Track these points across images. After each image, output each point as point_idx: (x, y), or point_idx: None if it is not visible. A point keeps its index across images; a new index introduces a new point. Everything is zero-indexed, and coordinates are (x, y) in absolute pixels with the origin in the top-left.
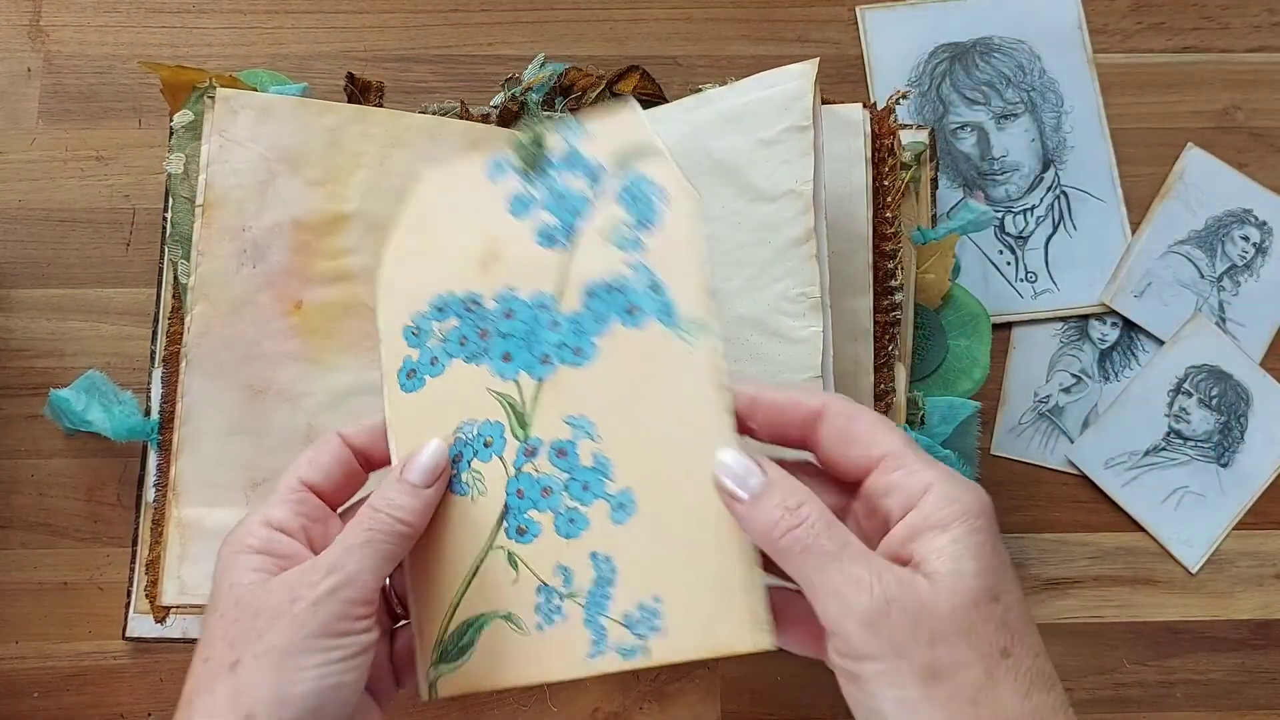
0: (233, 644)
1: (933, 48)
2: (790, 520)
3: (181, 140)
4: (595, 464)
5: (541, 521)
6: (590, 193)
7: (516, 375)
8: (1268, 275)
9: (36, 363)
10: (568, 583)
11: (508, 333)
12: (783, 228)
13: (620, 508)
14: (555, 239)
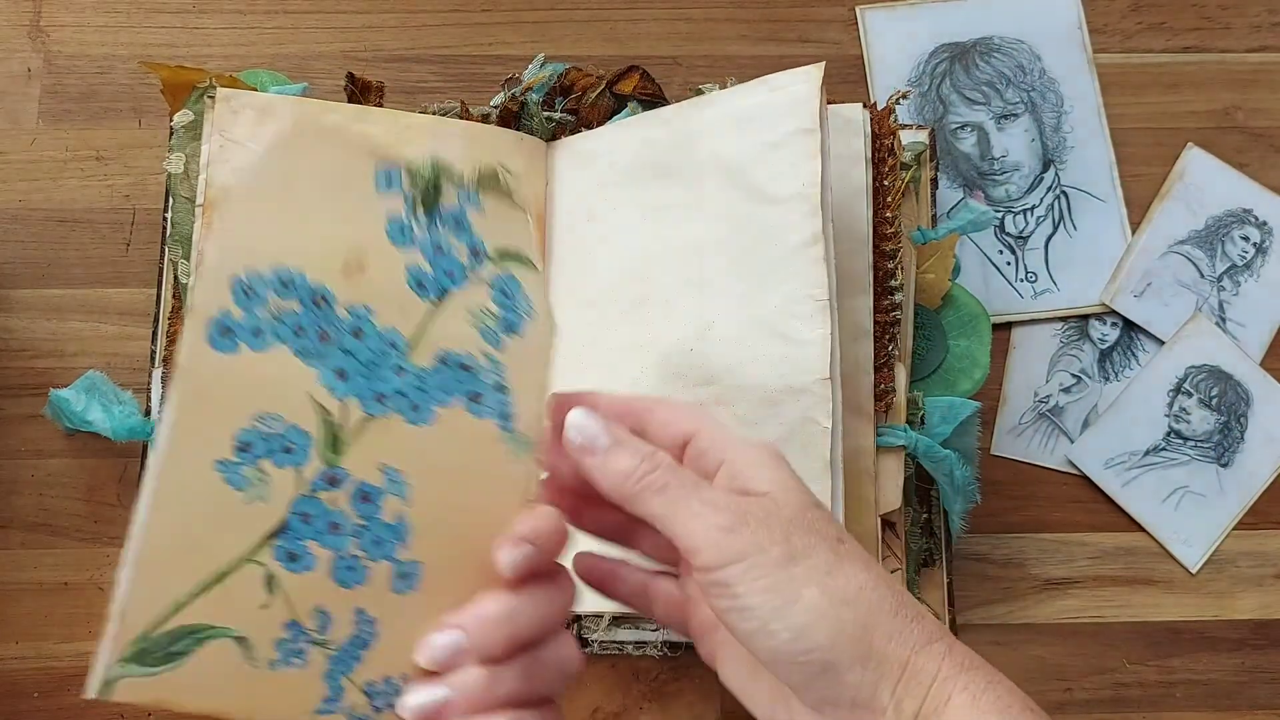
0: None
1: (933, 48)
2: (647, 466)
3: (182, 140)
4: (396, 523)
5: (319, 557)
6: (467, 264)
7: (345, 398)
8: (1268, 275)
9: (36, 363)
10: (323, 629)
11: (350, 351)
12: (790, 230)
13: (403, 577)
14: (425, 289)
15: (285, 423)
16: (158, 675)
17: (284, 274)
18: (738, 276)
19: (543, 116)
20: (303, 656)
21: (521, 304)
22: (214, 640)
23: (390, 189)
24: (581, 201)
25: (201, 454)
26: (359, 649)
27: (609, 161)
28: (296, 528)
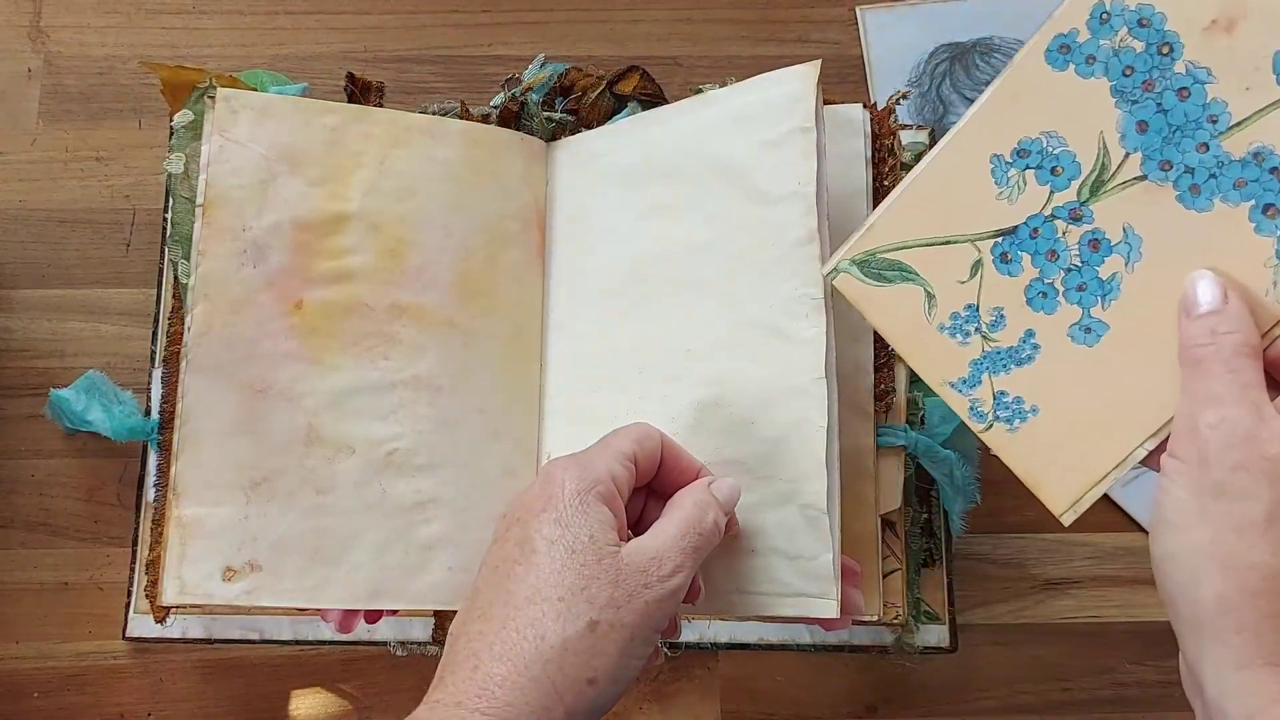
0: (592, 601)
1: (933, 48)
2: (1206, 339)
3: (181, 140)
4: (1109, 281)
5: (1025, 270)
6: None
7: (1133, 150)
8: None
9: (36, 363)
10: (994, 327)
11: (1166, 108)
12: (787, 229)
13: (1086, 330)
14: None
15: (1066, 147)
16: (864, 284)
17: (1147, 12)
18: (735, 276)
19: (543, 117)
20: (967, 337)
21: None
22: (913, 283)
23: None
24: (581, 201)
25: (987, 142)
26: (1012, 362)
27: (608, 161)
28: (1022, 237)
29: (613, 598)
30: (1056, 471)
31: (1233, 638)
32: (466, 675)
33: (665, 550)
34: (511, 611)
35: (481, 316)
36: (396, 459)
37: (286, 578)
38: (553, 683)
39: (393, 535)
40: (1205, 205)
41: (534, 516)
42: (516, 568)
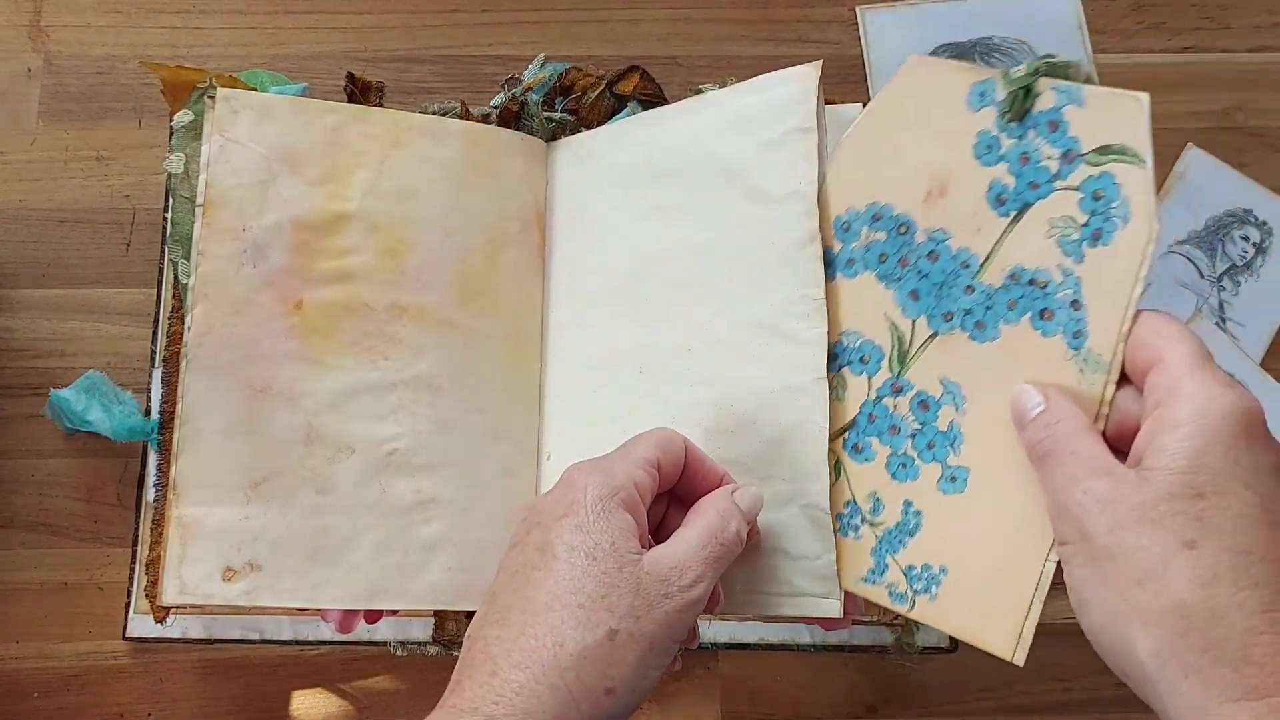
0: (612, 610)
1: (933, 48)
2: (1043, 435)
3: (182, 140)
4: (949, 431)
5: (878, 452)
6: (1056, 171)
7: (916, 317)
8: (1268, 275)
9: (37, 363)
10: (875, 511)
11: (925, 273)
12: (787, 230)
13: (951, 480)
14: (1004, 205)
15: (863, 338)
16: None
17: (876, 208)
18: (735, 276)
19: (543, 117)
20: (858, 530)
21: (1117, 208)
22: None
23: (983, 103)
24: (581, 202)
25: None
26: (905, 535)
27: (608, 162)
28: (863, 425)
29: (633, 606)
30: (989, 618)
31: (1182, 685)
32: (483, 681)
33: (687, 559)
34: (530, 618)
35: (481, 316)
36: (396, 459)
37: (286, 578)
38: (570, 691)
39: (392, 535)
40: (994, 334)
41: (555, 522)
42: (536, 573)
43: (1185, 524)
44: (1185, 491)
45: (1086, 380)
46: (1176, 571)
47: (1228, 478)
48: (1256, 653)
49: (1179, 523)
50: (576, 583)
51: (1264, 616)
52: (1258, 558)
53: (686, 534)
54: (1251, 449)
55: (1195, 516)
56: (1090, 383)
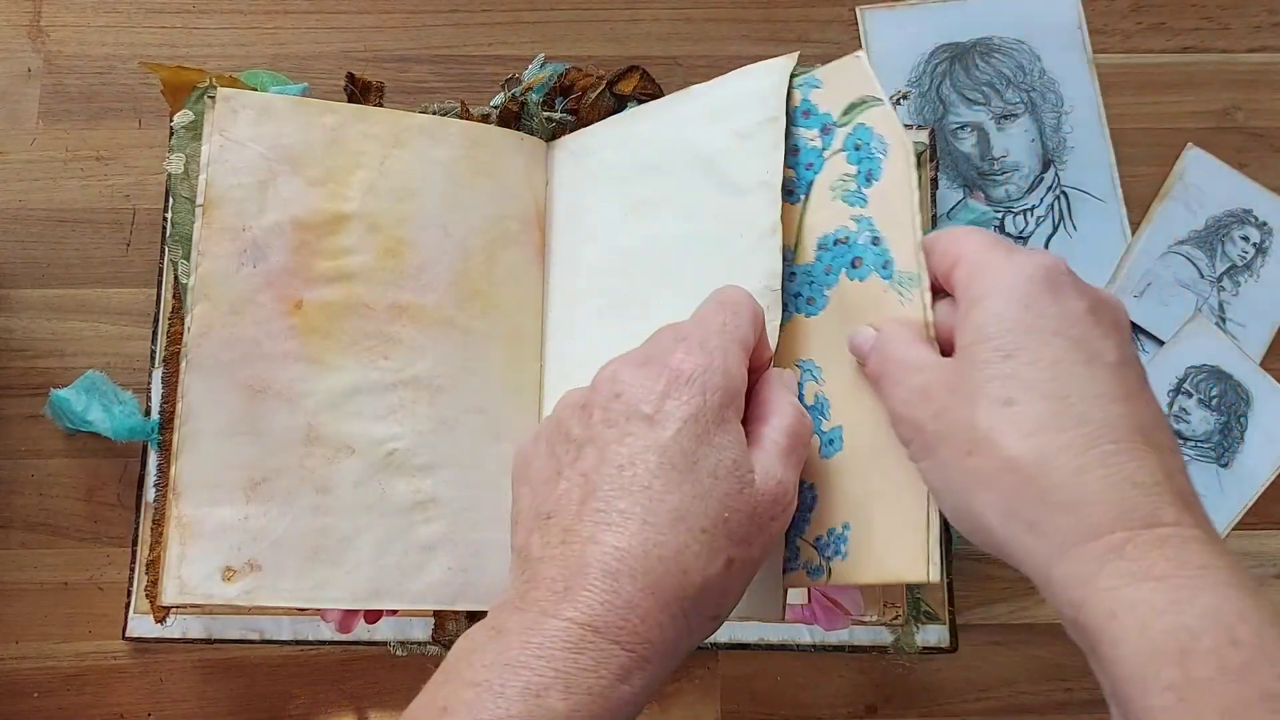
0: (731, 536)
1: (933, 48)
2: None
3: (182, 140)
4: (816, 403)
5: None
6: (821, 146)
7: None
8: (1268, 275)
9: (36, 363)
10: None
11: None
12: (756, 220)
13: (829, 444)
14: (793, 194)
15: None
16: None
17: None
18: (711, 269)
19: (543, 117)
20: None
21: (875, 146)
22: None
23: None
24: (576, 200)
25: None
26: (806, 513)
27: (600, 159)
28: None
29: (748, 532)
30: (897, 552)
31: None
32: (604, 599)
33: (784, 472)
34: (654, 534)
35: (481, 316)
36: (396, 459)
37: (286, 578)
38: (688, 621)
39: (393, 535)
40: (822, 302)
41: (673, 423)
42: (656, 481)
43: (1000, 386)
44: (995, 356)
45: (908, 300)
46: (1000, 432)
47: (1034, 331)
48: (1091, 489)
49: (995, 386)
50: (701, 503)
51: (1092, 453)
52: (1075, 399)
53: (771, 437)
54: (1056, 298)
55: (1009, 375)
56: (911, 300)
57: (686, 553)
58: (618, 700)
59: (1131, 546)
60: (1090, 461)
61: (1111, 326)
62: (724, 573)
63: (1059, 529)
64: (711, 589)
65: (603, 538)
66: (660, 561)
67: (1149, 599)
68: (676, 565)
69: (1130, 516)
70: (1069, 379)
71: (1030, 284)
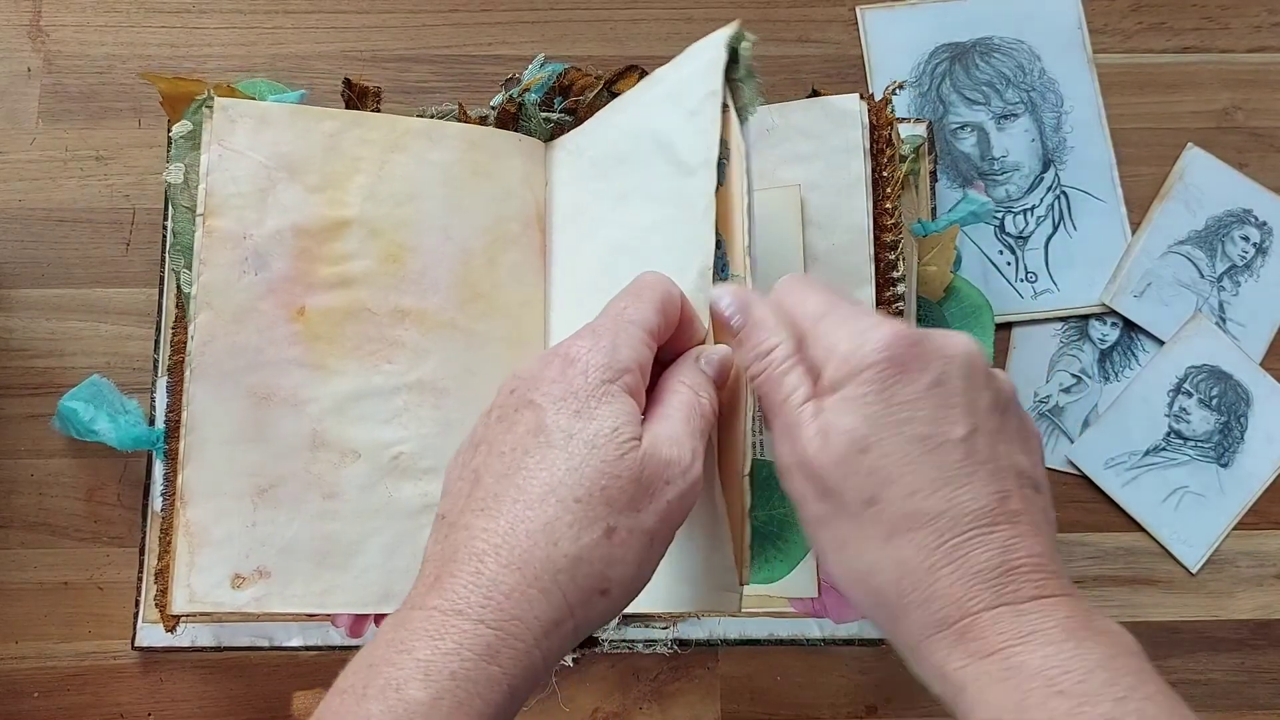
0: (611, 504)
1: (933, 48)
2: (758, 366)
3: (181, 150)
4: None
5: None
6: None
7: None
8: (1268, 275)
9: (36, 363)
10: None
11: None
12: (697, 199)
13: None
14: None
15: None
16: None
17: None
18: (672, 254)
19: (540, 117)
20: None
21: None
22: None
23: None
24: (574, 198)
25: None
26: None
27: (588, 156)
28: None
29: (634, 499)
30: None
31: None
32: (469, 581)
33: (682, 438)
34: (523, 510)
35: (484, 318)
36: (402, 462)
37: (295, 583)
38: (564, 594)
39: (401, 538)
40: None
41: (552, 404)
42: (529, 459)
43: (862, 482)
44: (852, 449)
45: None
46: (865, 534)
47: (884, 422)
48: (939, 588)
49: (857, 482)
50: (575, 474)
51: (939, 551)
52: (925, 492)
53: (670, 410)
54: (903, 378)
55: (869, 471)
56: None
57: (557, 524)
58: (487, 681)
59: (973, 629)
60: (938, 560)
61: (964, 393)
62: (604, 541)
63: (915, 623)
64: (589, 558)
65: (474, 523)
66: (528, 536)
67: (988, 671)
68: (545, 538)
69: (972, 603)
70: (916, 473)
71: (875, 371)
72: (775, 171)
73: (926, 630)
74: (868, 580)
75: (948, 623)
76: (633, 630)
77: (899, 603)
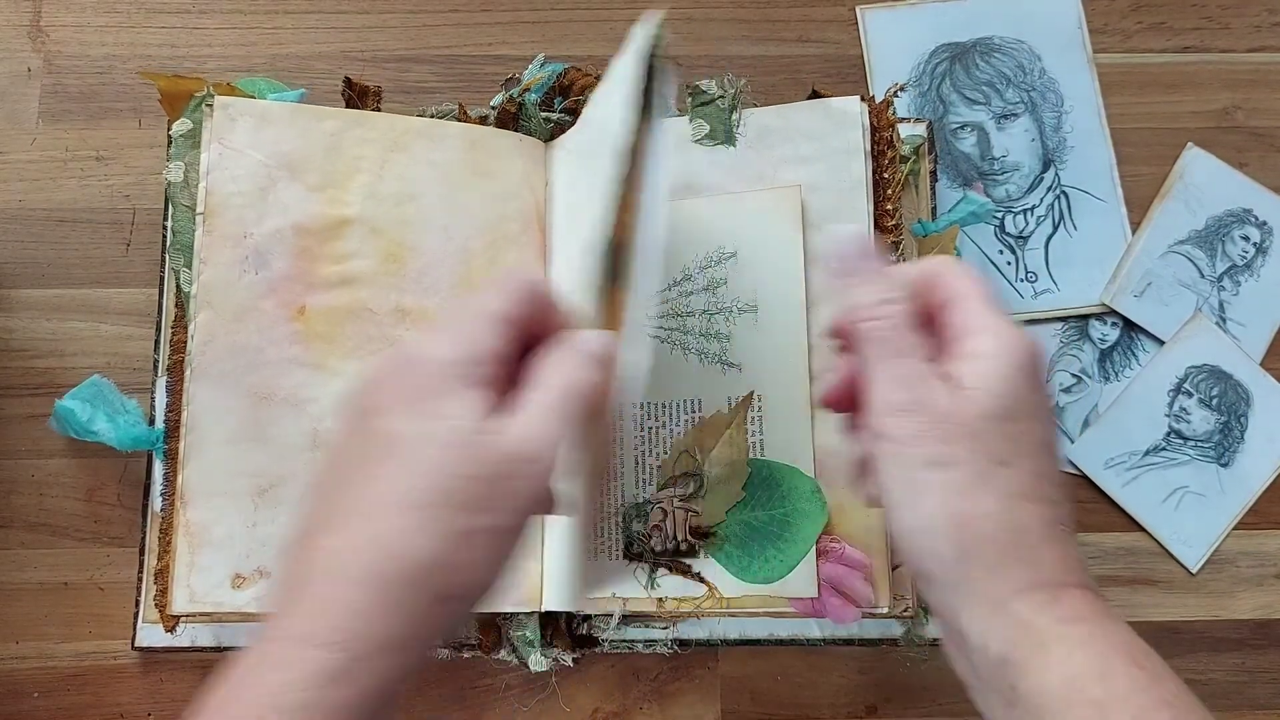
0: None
1: (933, 47)
2: (879, 312)
3: (181, 149)
4: None
5: None
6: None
7: None
8: (1268, 275)
9: (36, 363)
10: None
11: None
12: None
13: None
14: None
15: None
16: None
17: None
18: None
19: (540, 117)
20: None
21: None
22: None
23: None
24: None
25: None
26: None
27: (578, 154)
28: None
29: (486, 497)
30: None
31: (982, 579)
32: (315, 606)
33: (540, 430)
34: (368, 524)
35: None
36: None
37: None
38: (417, 604)
39: None
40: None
41: (395, 406)
42: (375, 468)
43: (1000, 443)
44: (1001, 412)
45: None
46: (990, 486)
47: (1030, 406)
48: (1045, 555)
49: (995, 441)
50: (424, 478)
51: (1052, 529)
52: (1048, 480)
53: (538, 398)
54: (1039, 385)
55: (1008, 437)
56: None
57: (407, 533)
58: (337, 705)
59: (1064, 597)
60: (1052, 533)
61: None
62: (453, 546)
63: (1014, 578)
64: (442, 565)
65: (322, 543)
66: (378, 549)
67: (1075, 634)
68: (396, 548)
69: (1069, 577)
70: (1046, 460)
71: (1029, 362)
72: (776, 172)
73: (1024, 585)
74: (973, 525)
75: (1047, 585)
76: (633, 630)
77: (1001, 556)
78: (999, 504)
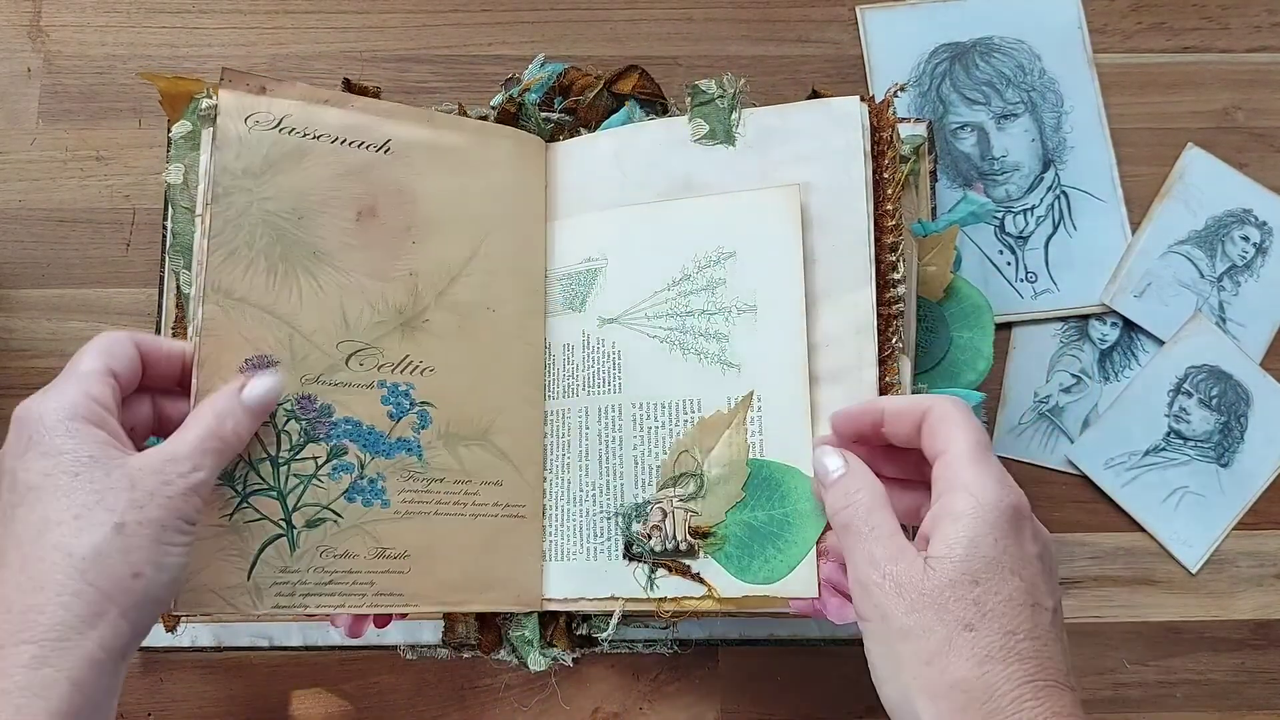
0: (111, 509)
1: (933, 48)
2: (844, 503)
3: (180, 150)
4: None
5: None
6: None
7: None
8: (1268, 275)
9: (37, 363)
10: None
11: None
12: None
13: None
14: None
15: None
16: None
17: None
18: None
19: (540, 117)
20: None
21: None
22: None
23: None
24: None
25: None
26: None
27: None
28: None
29: (133, 500)
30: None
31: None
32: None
33: (181, 452)
34: (29, 548)
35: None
36: None
37: None
38: (95, 588)
39: None
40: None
41: (21, 458)
42: (19, 510)
43: (965, 609)
44: (964, 578)
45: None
46: (958, 653)
47: (998, 566)
48: (1023, 717)
49: (960, 607)
50: (66, 499)
51: (1028, 686)
52: (1022, 636)
53: (184, 434)
54: (1018, 539)
55: (973, 601)
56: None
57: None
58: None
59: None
60: (1026, 692)
61: (1052, 574)
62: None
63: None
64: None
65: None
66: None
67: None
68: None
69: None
70: (1019, 617)
71: (1003, 519)
72: (775, 172)
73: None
74: (946, 695)
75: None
76: (633, 630)
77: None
78: (969, 669)
